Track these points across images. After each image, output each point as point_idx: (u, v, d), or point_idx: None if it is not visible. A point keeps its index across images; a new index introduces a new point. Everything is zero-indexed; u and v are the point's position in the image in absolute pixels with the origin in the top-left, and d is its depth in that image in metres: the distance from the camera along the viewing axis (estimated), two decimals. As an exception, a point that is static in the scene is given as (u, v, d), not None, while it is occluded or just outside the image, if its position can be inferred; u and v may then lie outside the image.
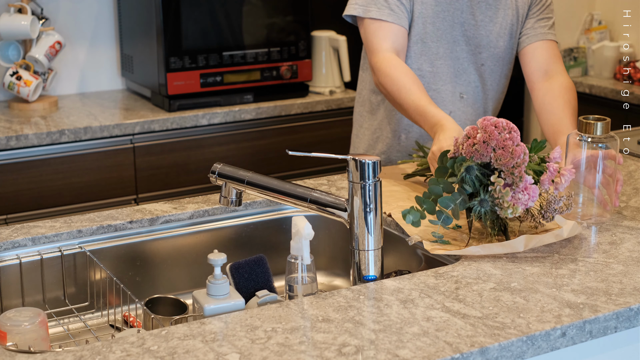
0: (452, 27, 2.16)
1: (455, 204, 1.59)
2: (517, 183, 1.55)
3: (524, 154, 1.54)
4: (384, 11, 2.11)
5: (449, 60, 2.18)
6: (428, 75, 2.18)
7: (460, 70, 2.20)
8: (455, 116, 2.21)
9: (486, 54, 2.21)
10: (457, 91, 2.20)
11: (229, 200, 1.74)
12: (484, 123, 1.58)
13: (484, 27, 2.18)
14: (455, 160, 1.61)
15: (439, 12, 2.14)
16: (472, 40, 2.19)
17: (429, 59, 2.17)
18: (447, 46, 2.17)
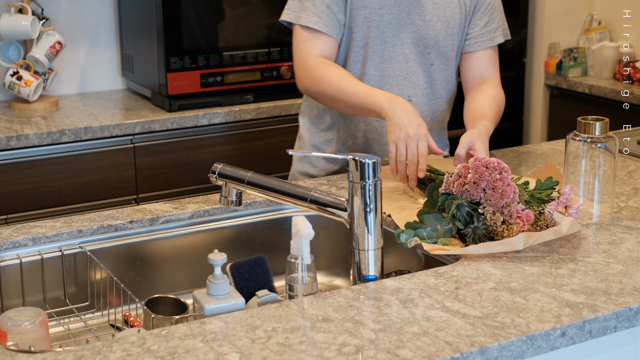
0: (399, 30, 2.12)
1: (441, 225, 1.63)
2: (509, 220, 1.60)
3: (513, 194, 1.58)
4: (312, 18, 2.08)
5: (395, 63, 2.15)
6: (374, 80, 2.15)
7: (409, 73, 2.16)
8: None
9: (435, 53, 2.17)
10: (405, 94, 2.16)
11: (229, 200, 1.74)
12: (475, 163, 1.61)
13: (432, 27, 2.14)
14: (446, 197, 1.64)
15: (383, 15, 2.10)
16: (420, 41, 2.14)
17: (375, 63, 2.14)
18: (393, 49, 2.13)
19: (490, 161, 1.61)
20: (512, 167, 2.18)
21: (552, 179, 1.72)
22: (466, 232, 1.62)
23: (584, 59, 4.05)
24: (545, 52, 4.11)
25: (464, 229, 1.63)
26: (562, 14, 4.11)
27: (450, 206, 1.63)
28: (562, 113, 4.06)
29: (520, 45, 4.04)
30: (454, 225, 1.64)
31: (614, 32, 4.13)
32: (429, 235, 1.63)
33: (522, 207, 1.62)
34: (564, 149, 1.91)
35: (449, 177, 1.66)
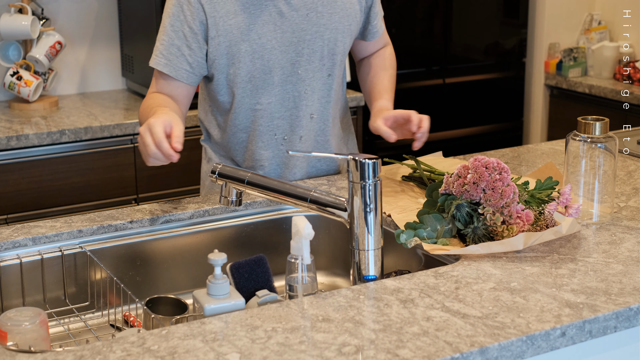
0: (285, 52, 1.98)
1: (441, 225, 1.63)
2: (508, 220, 1.59)
3: (513, 194, 1.58)
4: (160, 60, 1.94)
5: (289, 85, 2.02)
6: (269, 108, 2.02)
7: (307, 91, 2.04)
8: (308, 138, 2.08)
9: (329, 63, 2.05)
10: (307, 114, 2.05)
11: (229, 200, 1.74)
12: (475, 164, 1.61)
13: (320, 38, 2.00)
14: (446, 197, 1.64)
15: (264, 43, 1.95)
16: (312, 57, 2.02)
17: (266, 92, 2.01)
18: (282, 72, 2.00)
19: (490, 161, 1.61)
20: (512, 167, 2.18)
21: (552, 179, 1.72)
22: (466, 233, 1.63)
23: (584, 59, 4.05)
24: (545, 52, 4.11)
25: (464, 229, 1.63)
26: (562, 14, 4.11)
27: (450, 206, 1.63)
28: (562, 113, 4.06)
29: (520, 45, 4.04)
30: (453, 225, 1.64)
31: (614, 32, 4.13)
32: (428, 235, 1.63)
33: (522, 207, 1.62)
34: (564, 149, 1.91)
35: (449, 177, 1.66)
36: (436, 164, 2.06)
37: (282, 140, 2.07)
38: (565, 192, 1.67)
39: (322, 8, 1.98)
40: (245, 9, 1.92)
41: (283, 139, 2.07)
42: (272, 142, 2.07)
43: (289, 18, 1.96)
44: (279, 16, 1.95)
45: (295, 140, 2.07)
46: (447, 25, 3.81)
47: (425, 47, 3.79)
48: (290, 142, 2.07)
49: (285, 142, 2.07)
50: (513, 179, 1.66)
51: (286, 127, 2.06)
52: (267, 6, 1.93)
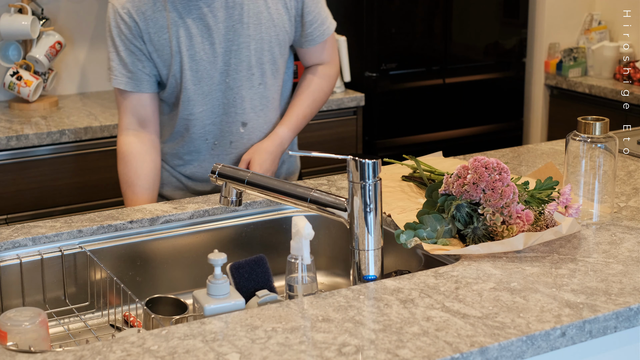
0: (213, 63, 2.04)
1: (441, 226, 1.63)
2: (508, 220, 1.59)
3: (513, 194, 1.58)
4: (121, 79, 2.05)
5: (218, 93, 2.08)
6: (201, 116, 2.10)
7: (237, 100, 2.10)
8: (238, 145, 2.16)
9: (259, 72, 2.10)
10: (237, 121, 2.12)
11: (229, 200, 1.74)
12: (475, 164, 1.61)
13: (246, 47, 2.05)
14: (446, 198, 1.64)
15: (193, 55, 2.02)
16: (240, 66, 2.07)
17: (198, 102, 2.08)
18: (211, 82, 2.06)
19: (489, 162, 1.61)
20: (512, 167, 2.18)
21: (552, 179, 1.72)
22: (466, 233, 1.62)
23: (584, 59, 4.05)
24: (545, 52, 4.11)
25: (464, 229, 1.63)
26: (562, 14, 4.11)
27: (449, 207, 1.63)
28: (562, 113, 4.06)
29: (520, 45, 4.04)
30: (453, 225, 1.64)
31: (614, 32, 4.13)
32: (428, 235, 1.63)
33: (522, 207, 1.62)
34: (564, 149, 1.91)
35: (448, 177, 1.66)
36: (436, 164, 2.06)
37: (212, 145, 2.16)
38: (565, 192, 1.67)
39: (248, 19, 2.04)
40: (174, 23, 2.00)
41: (214, 144, 2.16)
42: (203, 145, 2.16)
43: (216, 30, 2.02)
44: (206, 29, 2.01)
45: (225, 144, 2.15)
46: (447, 25, 3.81)
47: (425, 47, 3.79)
48: (221, 147, 2.16)
49: (216, 146, 2.16)
50: (513, 179, 1.66)
51: (217, 132, 2.14)
52: (194, 20, 1.99)
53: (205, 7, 1.99)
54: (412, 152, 2.38)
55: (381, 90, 3.65)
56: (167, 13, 1.98)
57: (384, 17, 3.61)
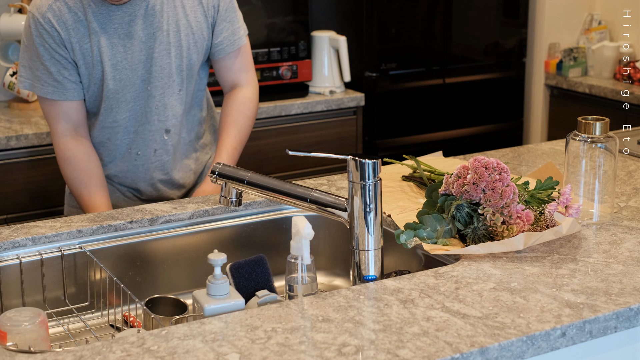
0: (134, 70, 2.05)
1: (441, 226, 1.62)
2: (508, 220, 1.59)
3: (513, 194, 1.58)
4: (48, 89, 2.02)
5: (141, 100, 2.09)
6: (124, 124, 2.11)
7: (159, 107, 2.10)
8: (163, 152, 2.16)
9: (179, 79, 2.11)
10: (161, 129, 2.13)
11: (229, 200, 1.74)
12: (475, 164, 1.61)
13: (167, 54, 2.06)
14: (446, 198, 1.64)
15: (115, 64, 2.02)
16: (161, 73, 2.07)
17: (120, 110, 2.08)
18: (134, 89, 2.07)
19: (489, 162, 1.61)
20: (512, 167, 2.18)
21: (552, 179, 1.72)
22: (466, 233, 1.62)
23: (584, 59, 4.05)
24: (545, 52, 4.11)
25: (464, 229, 1.63)
26: (562, 14, 4.11)
27: (449, 207, 1.63)
28: (562, 113, 4.06)
29: (520, 45, 4.04)
30: (453, 226, 1.64)
31: (614, 32, 4.13)
32: (428, 236, 1.63)
33: (522, 207, 1.62)
34: (564, 149, 1.91)
35: (448, 177, 1.65)
36: (436, 164, 2.06)
37: (136, 155, 2.16)
38: (565, 192, 1.67)
39: (168, 27, 2.04)
40: (95, 32, 1.99)
41: (137, 154, 2.15)
42: (126, 156, 2.15)
43: (137, 38, 2.02)
44: (127, 37, 2.02)
45: (149, 153, 2.15)
46: (447, 25, 3.81)
47: (425, 47, 3.79)
48: (144, 156, 2.15)
49: (139, 156, 2.15)
50: (513, 179, 1.66)
51: (140, 141, 2.13)
52: (116, 29, 2.00)
53: (126, 16, 2.00)
54: (412, 152, 2.38)
55: (381, 90, 3.65)
56: (88, 23, 1.98)
57: (384, 17, 3.61)
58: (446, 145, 3.59)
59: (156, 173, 2.18)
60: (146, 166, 2.17)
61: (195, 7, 2.07)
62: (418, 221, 1.67)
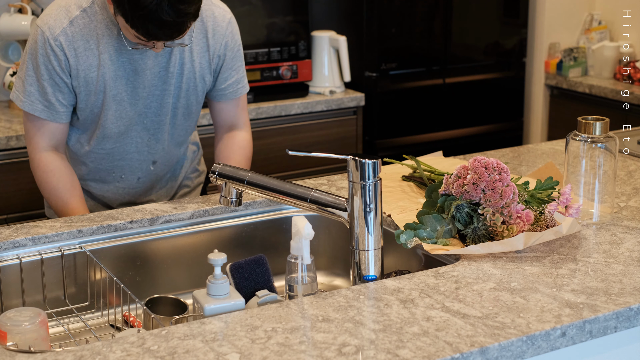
0: (134, 105, 2.03)
1: (441, 226, 1.62)
2: (508, 220, 1.59)
3: (513, 194, 1.58)
4: (36, 106, 1.99)
5: (133, 132, 2.08)
6: (112, 152, 2.10)
7: (151, 140, 2.11)
8: (146, 180, 2.17)
9: (174, 117, 2.11)
10: (148, 160, 2.13)
11: (229, 200, 1.74)
12: (475, 164, 1.61)
13: (168, 94, 2.05)
14: (446, 198, 1.64)
15: (115, 95, 2.01)
16: (160, 110, 2.07)
17: (112, 139, 2.08)
18: (129, 122, 2.06)
19: (489, 162, 1.61)
20: (512, 167, 2.18)
21: (552, 179, 1.72)
22: (466, 233, 1.62)
23: (584, 59, 4.05)
24: (546, 52, 4.10)
25: (464, 229, 1.63)
26: (562, 14, 4.11)
27: (449, 207, 1.63)
28: (562, 113, 4.06)
29: (520, 45, 4.04)
30: (453, 226, 1.64)
31: (614, 32, 4.12)
32: (428, 236, 1.63)
33: (522, 207, 1.62)
34: (564, 149, 1.91)
35: (448, 178, 1.65)
36: (436, 164, 2.06)
37: (119, 178, 2.16)
38: (565, 192, 1.67)
39: (174, 69, 2.03)
40: (104, 64, 1.97)
41: (121, 177, 2.15)
42: (109, 178, 2.16)
43: (141, 75, 2.01)
44: (133, 73, 2.00)
45: (132, 180, 2.16)
46: (447, 25, 3.81)
47: (425, 47, 3.79)
48: (127, 181, 2.16)
49: (123, 179, 2.16)
50: (513, 179, 1.66)
51: (126, 169, 2.14)
52: (123, 63, 1.99)
53: (137, 54, 1.98)
54: (412, 152, 2.38)
55: (381, 90, 3.65)
56: (99, 53, 1.96)
57: (384, 17, 3.61)
58: (446, 145, 3.59)
59: (135, 196, 2.20)
60: (127, 190, 2.17)
61: (202, 54, 2.06)
62: (418, 221, 1.67)
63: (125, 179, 2.15)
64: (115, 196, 2.18)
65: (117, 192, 2.18)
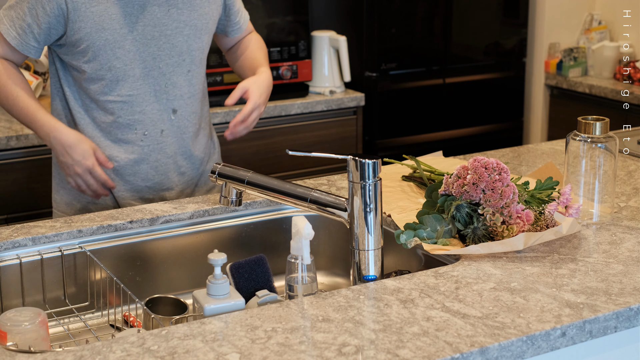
0: (146, 45, 1.99)
1: (441, 226, 1.62)
2: (508, 220, 1.59)
3: (513, 194, 1.58)
4: (10, 32, 1.96)
5: (150, 79, 2.02)
6: (130, 100, 2.03)
7: (167, 86, 2.05)
8: (169, 133, 2.09)
9: (189, 59, 2.07)
10: (169, 108, 2.07)
11: (229, 200, 1.74)
12: (474, 164, 1.61)
13: (180, 34, 2.02)
14: (445, 198, 1.64)
15: (126, 34, 1.95)
16: (173, 51, 2.03)
17: (127, 84, 2.01)
18: (144, 65, 2.01)
19: (489, 162, 1.61)
20: (512, 167, 2.18)
21: (552, 179, 1.72)
22: (466, 233, 1.62)
23: (584, 59, 4.05)
24: (545, 52, 4.11)
25: (464, 229, 1.63)
26: (562, 14, 4.11)
27: (449, 207, 1.63)
28: (562, 113, 4.06)
29: (520, 45, 4.04)
30: (453, 226, 1.64)
31: (614, 32, 4.13)
32: (428, 236, 1.63)
33: (522, 207, 1.62)
34: (564, 149, 1.91)
35: (448, 178, 1.66)
36: (436, 164, 2.06)
37: (142, 136, 2.07)
38: (565, 192, 1.67)
39: (183, 5, 2.02)
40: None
41: (143, 135, 2.07)
42: (131, 136, 2.07)
43: (150, 12, 1.98)
44: (141, 9, 1.97)
45: (156, 134, 2.07)
46: (447, 25, 3.81)
47: (425, 47, 3.79)
48: (151, 137, 2.07)
49: (146, 137, 2.07)
50: (513, 179, 1.66)
51: (147, 121, 2.07)
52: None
53: None
54: (412, 152, 2.38)
55: (381, 90, 3.65)
56: None
57: (384, 17, 3.61)
58: (446, 145, 3.59)
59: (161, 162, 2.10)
60: (152, 147, 2.08)
61: None
62: (418, 221, 1.67)
63: (148, 136, 2.06)
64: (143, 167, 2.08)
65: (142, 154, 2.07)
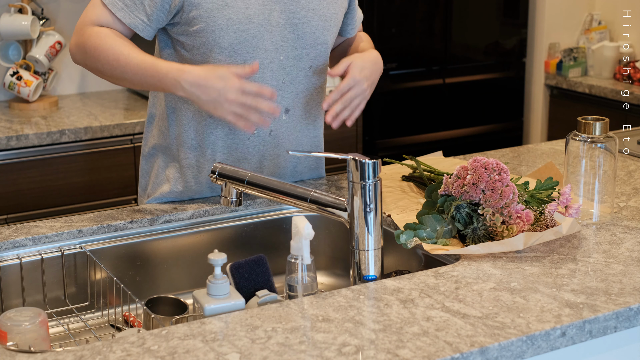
0: (271, 34, 1.81)
1: (440, 226, 1.63)
2: (508, 220, 1.59)
3: (512, 194, 1.58)
4: (117, 3, 1.79)
5: (268, 71, 1.84)
6: None
7: (285, 81, 1.87)
8: (279, 134, 1.91)
9: (313, 53, 1.89)
10: (282, 106, 1.88)
11: (229, 200, 1.74)
12: (474, 165, 1.61)
13: (308, 24, 1.84)
14: (445, 198, 1.64)
15: (251, 15, 1.78)
16: (297, 43, 1.85)
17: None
18: (265, 55, 1.82)
19: (489, 162, 1.61)
20: (512, 167, 2.18)
21: (552, 179, 1.72)
22: (466, 233, 1.63)
23: (584, 59, 4.05)
24: (545, 52, 4.11)
25: (464, 229, 1.63)
26: (562, 14, 4.11)
27: (449, 207, 1.63)
28: (562, 113, 4.06)
29: (520, 45, 4.04)
30: (453, 226, 1.64)
31: (614, 32, 4.13)
32: (428, 236, 1.63)
33: (521, 207, 1.62)
34: (564, 149, 1.91)
35: (448, 178, 1.66)
36: (436, 164, 2.06)
37: (249, 135, 1.90)
38: (565, 192, 1.67)
39: None
40: None
41: (252, 133, 1.87)
42: (240, 133, 1.89)
43: None
44: None
45: (264, 134, 1.90)
46: (447, 25, 3.81)
47: (425, 47, 3.79)
48: (258, 137, 1.91)
49: (253, 136, 1.90)
50: (513, 179, 1.66)
51: None
52: None
53: None
54: (412, 152, 2.38)
55: (381, 90, 3.65)
56: None
57: (384, 17, 3.61)
58: (446, 145, 3.60)
59: (265, 157, 1.93)
60: (258, 147, 1.91)
61: None
62: (418, 221, 1.67)
63: (256, 136, 1.88)
64: (245, 166, 1.91)
65: (247, 154, 1.91)
